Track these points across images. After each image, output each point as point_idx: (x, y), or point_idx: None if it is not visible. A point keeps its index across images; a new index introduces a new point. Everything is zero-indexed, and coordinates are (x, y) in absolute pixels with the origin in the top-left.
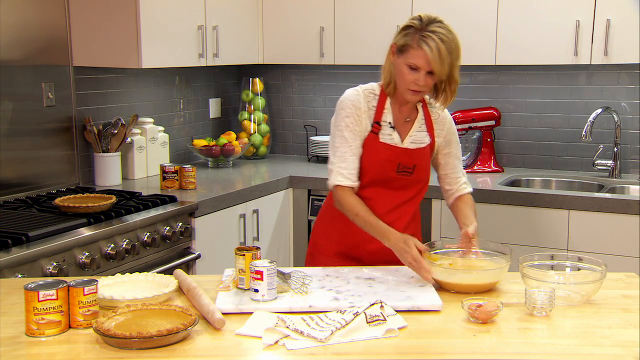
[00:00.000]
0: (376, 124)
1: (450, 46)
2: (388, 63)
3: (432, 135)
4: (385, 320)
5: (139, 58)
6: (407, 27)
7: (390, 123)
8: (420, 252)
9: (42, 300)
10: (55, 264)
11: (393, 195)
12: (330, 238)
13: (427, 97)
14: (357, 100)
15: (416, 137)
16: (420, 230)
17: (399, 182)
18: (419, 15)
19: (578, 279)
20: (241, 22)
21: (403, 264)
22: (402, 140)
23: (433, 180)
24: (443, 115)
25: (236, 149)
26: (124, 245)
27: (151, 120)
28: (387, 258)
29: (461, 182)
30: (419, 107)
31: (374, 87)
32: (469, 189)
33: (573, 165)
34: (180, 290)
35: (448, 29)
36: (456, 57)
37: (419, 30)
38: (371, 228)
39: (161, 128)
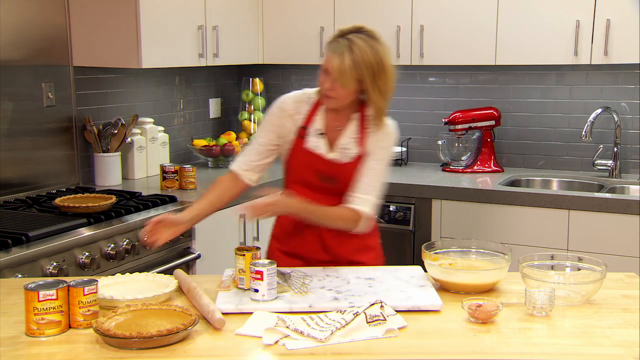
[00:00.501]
0: (302, 129)
1: (361, 59)
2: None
3: (362, 145)
4: (385, 320)
5: (139, 58)
6: (338, 31)
7: (318, 130)
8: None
9: (42, 300)
10: (55, 264)
11: (320, 198)
12: (273, 235)
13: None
14: (284, 103)
15: (344, 148)
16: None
17: (322, 189)
18: (354, 25)
19: (578, 279)
20: (241, 22)
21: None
22: (331, 149)
23: (432, 181)
24: (382, 127)
25: (236, 149)
26: (124, 245)
27: (151, 120)
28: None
29: (355, 195)
30: (355, 116)
31: (312, 93)
32: (356, 204)
33: (573, 165)
34: (180, 290)
35: (370, 44)
36: (371, 76)
37: (339, 36)
38: (205, 194)
39: (161, 128)
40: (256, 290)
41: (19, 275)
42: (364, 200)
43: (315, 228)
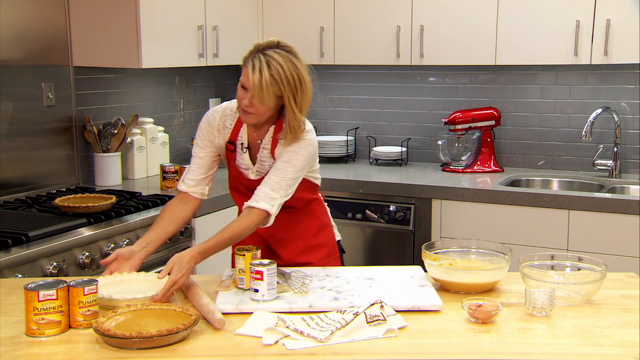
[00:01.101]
0: (229, 144)
1: (278, 74)
2: None
3: (273, 154)
4: (385, 320)
5: (139, 58)
6: (254, 46)
7: (243, 144)
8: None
9: (42, 300)
10: (55, 264)
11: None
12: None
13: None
14: (212, 117)
15: (262, 159)
16: (329, 234)
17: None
18: (272, 40)
19: (578, 279)
20: (241, 22)
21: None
22: (254, 162)
23: (432, 181)
24: (297, 139)
25: None
26: (124, 245)
27: (151, 120)
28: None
29: (259, 192)
30: (271, 128)
31: (235, 106)
32: (258, 203)
33: (573, 165)
34: (180, 290)
35: (288, 58)
36: (290, 91)
37: (257, 50)
38: (155, 221)
39: (161, 128)
40: (256, 290)
41: (19, 275)
42: (269, 196)
43: (255, 235)
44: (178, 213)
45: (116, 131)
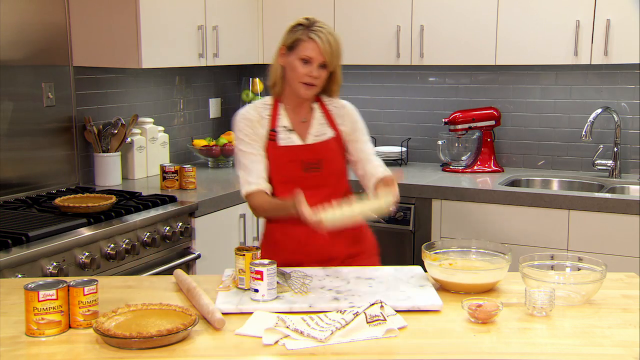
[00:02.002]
0: (272, 132)
1: (335, 39)
2: (275, 65)
3: (334, 128)
4: (385, 320)
5: (139, 58)
6: (294, 26)
7: (286, 127)
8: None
9: (42, 300)
10: (55, 264)
11: (308, 194)
12: (272, 250)
13: (321, 95)
14: (247, 113)
15: (318, 133)
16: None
17: (310, 181)
18: (306, 17)
19: (578, 279)
20: (241, 22)
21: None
22: (304, 140)
23: (432, 181)
24: (341, 105)
25: None
26: (124, 245)
27: (151, 120)
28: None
29: (374, 165)
30: (315, 106)
31: (266, 99)
32: (387, 172)
33: (573, 165)
34: (180, 290)
35: (331, 30)
36: (341, 54)
37: (307, 26)
38: (279, 209)
39: (161, 128)
40: (256, 290)
41: (19, 275)
42: (382, 164)
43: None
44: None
45: (116, 131)
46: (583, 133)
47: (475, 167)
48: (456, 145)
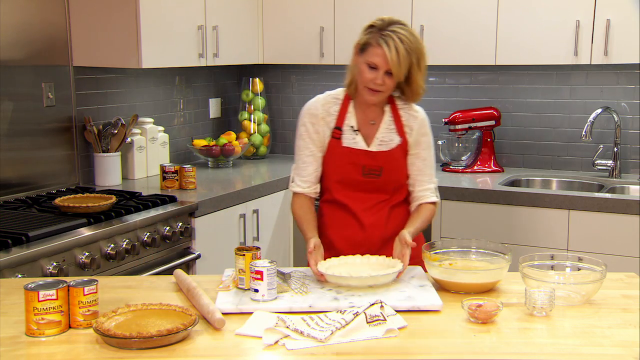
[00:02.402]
0: (336, 129)
1: (409, 47)
2: (352, 64)
3: (402, 134)
4: (385, 320)
5: (139, 58)
6: (369, 27)
7: (352, 127)
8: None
9: (42, 300)
10: (55, 264)
11: (364, 197)
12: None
13: (397, 97)
14: (313, 108)
15: (384, 139)
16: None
17: (368, 185)
18: (383, 17)
19: (578, 279)
20: (241, 22)
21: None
22: (368, 144)
23: None
24: (415, 115)
25: (236, 149)
26: (124, 245)
27: (151, 120)
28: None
29: (423, 188)
30: (386, 108)
31: (339, 92)
32: (432, 199)
33: (573, 165)
34: (180, 290)
35: (410, 32)
36: (417, 60)
37: (380, 29)
38: (301, 229)
39: (161, 128)
40: (256, 290)
41: (19, 275)
42: (433, 189)
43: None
44: (311, 205)
45: (116, 131)
46: (583, 133)
47: (475, 167)
48: (456, 145)
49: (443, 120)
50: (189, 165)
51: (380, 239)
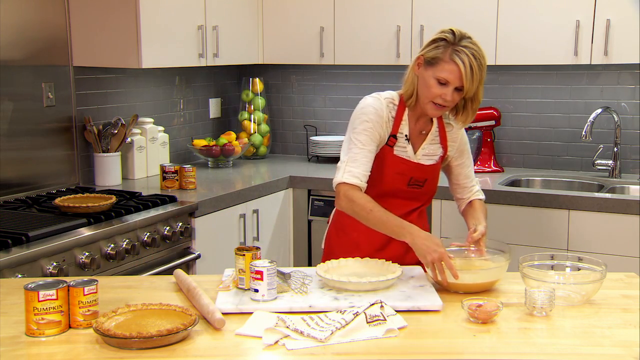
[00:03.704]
0: (392, 137)
1: (481, 63)
2: (412, 75)
3: (444, 147)
4: (385, 320)
5: (139, 58)
6: (438, 40)
7: (406, 135)
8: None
9: (42, 300)
10: (55, 264)
11: (401, 204)
12: (346, 249)
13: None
14: (380, 109)
15: (429, 150)
16: (428, 227)
17: (408, 194)
18: (451, 29)
19: (578, 279)
20: (241, 22)
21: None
22: (415, 153)
23: None
24: (456, 126)
25: (236, 149)
26: (124, 245)
27: (151, 120)
28: (402, 262)
29: (474, 190)
30: (434, 119)
31: (394, 96)
32: (481, 196)
33: (573, 165)
34: (180, 290)
35: (478, 46)
36: (484, 75)
37: (451, 44)
38: (387, 223)
39: (161, 128)
40: (256, 290)
41: (19, 275)
42: (480, 189)
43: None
44: None
45: (116, 131)
46: (583, 133)
47: (475, 167)
48: None
49: None
50: (189, 165)
51: (406, 245)
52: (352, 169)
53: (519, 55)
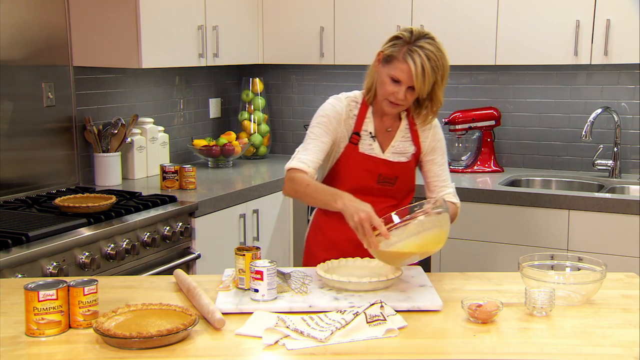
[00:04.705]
0: (355, 135)
1: (435, 64)
2: (372, 70)
3: (417, 144)
4: (385, 320)
5: (139, 58)
6: (396, 38)
7: (370, 133)
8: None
9: (42, 300)
10: (55, 264)
11: (373, 200)
12: (324, 247)
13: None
14: (338, 106)
15: (399, 148)
16: None
17: (380, 191)
18: (411, 28)
19: (578, 279)
20: (241, 22)
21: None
22: (383, 151)
23: None
24: (430, 123)
25: (236, 149)
26: (124, 245)
27: (151, 120)
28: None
29: (445, 192)
30: (403, 115)
31: (357, 95)
32: (455, 199)
33: (573, 165)
34: (180, 290)
35: (437, 47)
36: (441, 77)
37: (407, 43)
38: (322, 193)
39: (161, 128)
40: (256, 290)
41: (19, 275)
42: (453, 192)
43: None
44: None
45: (116, 131)
46: (583, 133)
47: (475, 167)
48: (456, 145)
49: (443, 120)
50: (189, 165)
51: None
52: (301, 156)
53: (519, 55)
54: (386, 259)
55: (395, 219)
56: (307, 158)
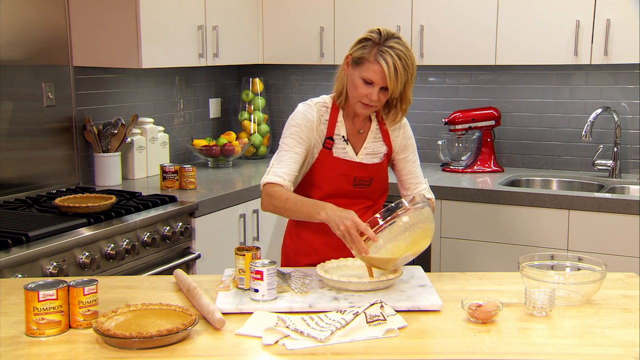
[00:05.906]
0: (328, 140)
1: (406, 63)
2: (342, 74)
3: (388, 143)
4: (385, 320)
5: (139, 58)
6: (364, 40)
7: (343, 136)
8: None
9: (42, 300)
10: (55, 264)
11: (350, 203)
12: (304, 252)
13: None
14: (309, 113)
15: (371, 149)
16: None
17: (355, 194)
18: (378, 29)
19: (578, 279)
20: (241, 22)
21: None
22: (357, 153)
23: (432, 181)
24: (398, 122)
25: (236, 149)
26: (124, 245)
27: (151, 120)
28: None
29: (420, 188)
30: (372, 116)
31: (326, 100)
32: (430, 195)
33: (573, 165)
34: (180, 290)
35: (405, 46)
36: (411, 75)
37: (377, 44)
38: (303, 206)
39: (161, 128)
40: (256, 290)
41: (19, 275)
42: (428, 189)
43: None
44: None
45: (116, 131)
46: (583, 133)
47: (475, 167)
48: (456, 145)
49: (443, 120)
50: (189, 165)
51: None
52: (276, 170)
53: (519, 55)
54: (378, 264)
55: (381, 222)
56: (282, 171)
